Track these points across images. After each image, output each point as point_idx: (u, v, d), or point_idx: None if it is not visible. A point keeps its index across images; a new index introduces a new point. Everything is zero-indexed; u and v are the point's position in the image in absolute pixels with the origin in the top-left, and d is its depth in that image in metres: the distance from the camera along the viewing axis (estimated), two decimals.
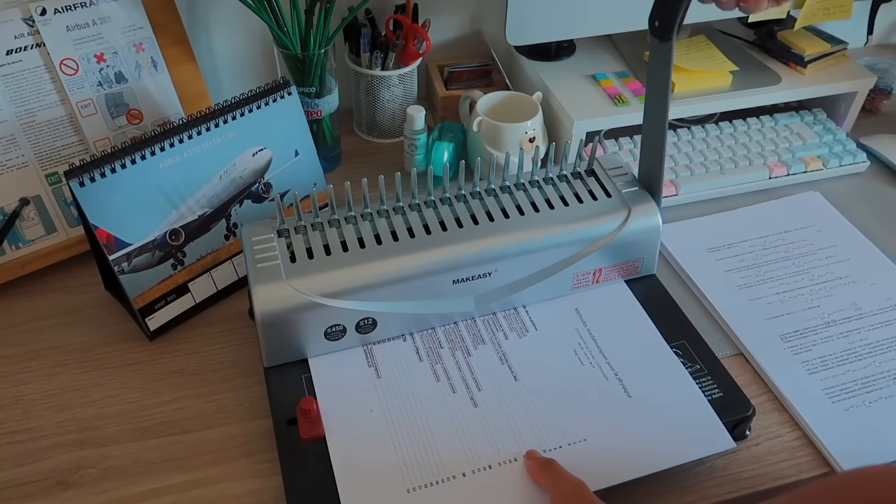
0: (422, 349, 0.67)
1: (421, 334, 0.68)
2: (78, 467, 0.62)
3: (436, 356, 0.66)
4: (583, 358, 0.66)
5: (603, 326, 0.69)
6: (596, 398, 0.63)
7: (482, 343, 0.67)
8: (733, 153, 0.91)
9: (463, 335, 0.68)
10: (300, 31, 0.83)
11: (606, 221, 0.70)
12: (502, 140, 0.85)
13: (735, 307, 0.75)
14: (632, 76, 0.94)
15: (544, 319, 0.70)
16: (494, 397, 0.63)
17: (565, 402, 0.63)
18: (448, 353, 0.66)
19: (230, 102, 0.75)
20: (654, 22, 0.61)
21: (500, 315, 0.70)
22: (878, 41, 1.20)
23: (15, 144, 0.75)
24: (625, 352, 0.67)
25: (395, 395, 0.63)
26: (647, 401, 0.63)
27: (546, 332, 0.69)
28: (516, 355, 0.66)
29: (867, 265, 0.79)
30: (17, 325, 0.74)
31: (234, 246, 0.77)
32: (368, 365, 0.65)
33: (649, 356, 0.67)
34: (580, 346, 0.67)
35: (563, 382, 0.64)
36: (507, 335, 0.68)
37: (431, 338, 0.68)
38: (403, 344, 0.67)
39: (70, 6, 0.76)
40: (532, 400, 0.63)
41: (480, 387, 0.64)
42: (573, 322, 0.70)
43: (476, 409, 0.62)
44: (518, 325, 0.69)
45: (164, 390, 0.68)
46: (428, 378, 0.64)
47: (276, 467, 0.60)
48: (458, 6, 1.02)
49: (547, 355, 0.66)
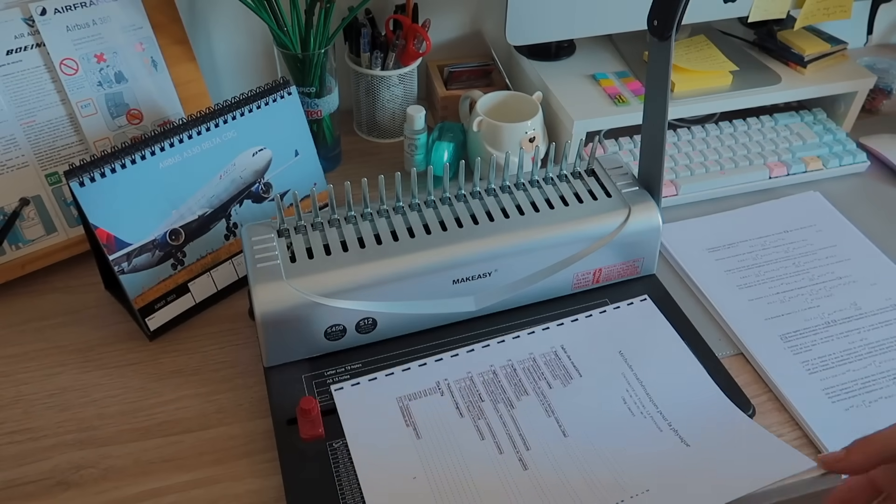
0: (461, 403, 0.62)
1: (458, 385, 0.63)
2: (78, 467, 0.62)
3: (477, 411, 0.61)
4: (633, 408, 0.62)
5: (648, 368, 0.65)
6: (652, 450, 0.59)
7: (525, 394, 0.63)
8: (733, 153, 0.91)
9: (504, 385, 0.63)
10: (300, 31, 0.83)
11: (606, 221, 0.70)
12: (502, 140, 0.85)
13: (735, 307, 0.75)
14: (632, 76, 0.94)
15: (587, 363, 0.65)
16: (544, 457, 0.58)
17: (619, 456, 0.58)
18: (490, 407, 0.61)
19: (230, 102, 0.75)
20: (653, 21, 0.61)
21: (541, 360, 0.65)
22: (878, 41, 1.20)
23: (15, 144, 0.75)
24: (674, 395, 0.63)
25: (438, 459, 0.58)
26: (706, 445, 0.59)
27: (591, 379, 0.64)
28: (562, 406, 0.62)
29: (867, 265, 0.79)
30: (17, 325, 0.74)
31: (234, 246, 0.77)
32: (406, 424, 0.60)
33: (697, 395, 0.63)
34: (628, 394, 0.63)
35: (614, 436, 0.60)
36: (551, 383, 0.63)
37: (470, 390, 0.63)
38: (441, 398, 0.62)
39: (70, 6, 0.76)
40: (584, 456, 0.58)
41: (529, 445, 0.59)
42: (618, 366, 0.65)
43: (526, 471, 0.57)
44: (561, 371, 0.65)
45: (164, 390, 0.68)
46: (472, 437, 0.59)
47: (276, 467, 0.60)
48: (458, 6, 1.02)
49: (594, 405, 0.62)
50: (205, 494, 0.60)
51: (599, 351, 0.66)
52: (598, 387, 0.64)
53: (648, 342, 0.68)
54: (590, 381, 0.64)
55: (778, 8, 0.90)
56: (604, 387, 0.64)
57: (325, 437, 0.60)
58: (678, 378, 0.65)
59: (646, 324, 0.70)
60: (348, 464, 0.59)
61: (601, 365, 0.65)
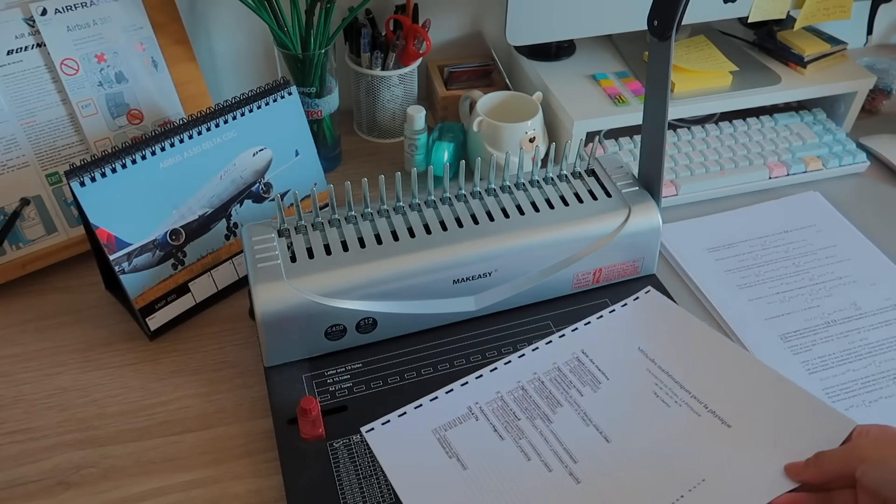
0: (499, 426, 0.59)
1: (491, 407, 0.61)
2: (78, 467, 0.62)
3: (516, 430, 0.59)
4: (665, 399, 0.61)
5: (670, 356, 0.64)
6: (696, 437, 0.58)
7: (559, 405, 0.61)
8: (733, 153, 0.91)
9: (536, 400, 0.61)
10: (300, 31, 0.83)
11: (606, 221, 0.70)
12: (502, 140, 0.85)
13: (735, 307, 0.75)
14: (632, 76, 0.94)
15: (610, 364, 0.64)
16: (594, 467, 0.56)
17: (667, 450, 0.57)
18: (528, 424, 0.60)
19: (230, 102, 0.75)
20: (653, 21, 0.61)
21: (565, 368, 0.64)
22: (878, 41, 1.20)
23: (15, 144, 0.75)
24: (704, 376, 0.62)
25: (490, 487, 0.55)
26: (749, 423, 0.58)
27: (618, 380, 0.63)
28: (598, 412, 0.60)
29: (867, 265, 0.79)
30: (17, 325, 0.74)
31: (234, 246, 0.77)
32: (448, 456, 0.57)
33: (728, 369, 0.62)
34: (658, 386, 0.62)
35: (655, 430, 0.59)
36: (581, 391, 0.62)
37: (504, 410, 0.61)
38: (476, 423, 0.60)
39: (71, 6, 0.76)
40: (632, 458, 0.57)
41: (575, 458, 0.57)
42: (641, 362, 0.64)
43: (580, 484, 0.55)
44: (587, 376, 0.63)
45: (165, 390, 0.68)
46: (518, 459, 0.57)
47: (276, 467, 0.60)
48: (458, 6, 1.02)
49: (628, 405, 0.61)
50: (205, 494, 0.60)
51: (619, 350, 0.66)
52: (627, 386, 0.63)
53: (664, 331, 0.67)
54: (617, 381, 0.63)
55: (778, 8, 0.90)
56: (632, 385, 0.63)
57: (325, 437, 0.61)
58: (703, 358, 0.64)
59: (657, 313, 0.69)
60: (348, 464, 0.59)
61: (624, 364, 0.64)
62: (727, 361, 0.63)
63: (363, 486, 0.58)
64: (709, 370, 0.63)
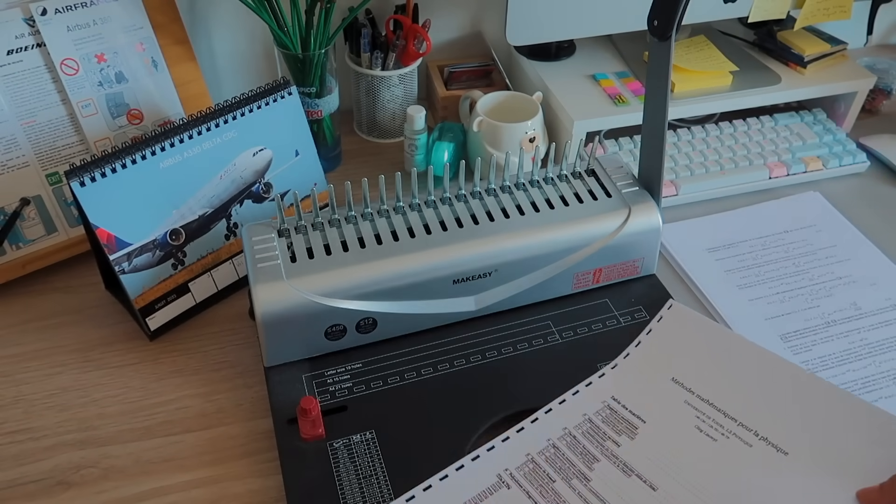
0: (533, 491, 0.55)
1: (522, 472, 0.56)
2: (78, 467, 0.62)
3: (553, 495, 0.55)
4: (710, 433, 0.56)
5: (707, 379, 0.59)
6: (752, 470, 0.53)
7: (595, 461, 0.57)
8: (733, 153, 0.91)
9: (570, 458, 0.57)
10: (300, 31, 0.83)
11: (606, 221, 0.70)
12: (502, 140, 0.85)
13: (735, 307, 0.75)
14: (632, 76, 0.94)
15: (645, 405, 0.60)
16: None
17: (721, 489, 0.53)
18: (564, 487, 0.55)
19: (230, 102, 0.75)
20: (653, 21, 0.61)
21: (597, 419, 0.60)
22: (878, 41, 1.20)
23: (15, 144, 0.75)
24: (748, 398, 0.57)
25: None
26: (808, 446, 0.54)
27: (656, 421, 0.58)
28: (639, 461, 0.56)
29: (867, 265, 0.79)
30: (17, 325, 0.74)
31: (234, 246, 0.77)
32: None
33: (773, 385, 0.57)
34: (700, 419, 0.57)
35: (704, 469, 0.54)
36: (618, 440, 0.58)
37: (536, 473, 0.56)
38: (510, 492, 0.55)
39: (71, 6, 0.76)
40: (682, 501, 0.53)
41: None
42: (677, 395, 0.60)
43: None
44: (623, 424, 0.59)
45: (165, 390, 0.68)
46: None
47: (276, 467, 0.60)
48: (458, 6, 1.02)
49: (671, 446, 0.56)
50: (205, 494, 0.60)
51: (652, 387, 0.61)
52: (666, 426, 0.58)
53: (696, 352, 0.62)
54: (655, 423, 0.58)
55: (778, 8, 0.90)
56: (672, 423, 0.58)
57: (325, 436, 0.61)
58: (744, 377, 0.59)
59: (684, 332, 0.64)
60: (348, 463, 0.59)
61: (660, 401, 0.60)
62: (769, 376, 0.58)
63: (363, 486, 0.58)
64: (752, 390, 0.58)
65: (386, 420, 0.62)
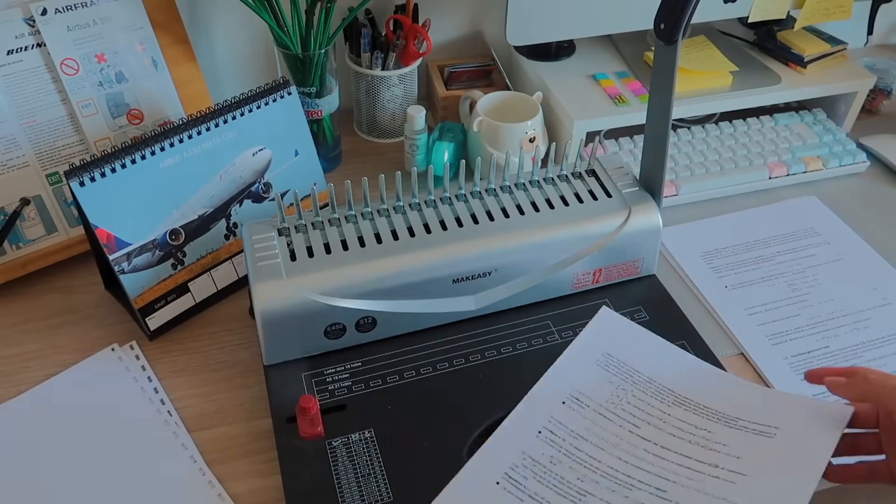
0: None
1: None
2: None
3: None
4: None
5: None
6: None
7: None
8: (733, 153, 0.91)
9: None
10: (300, 31, 0.83)
11: (606, 221, 0.70)
12: (502, 140, 0.85)
13: (735, 308, 0.75)
14: (632, 76, 0.94)
15: None
16: None
17: None
18: None
19: (230, 102, 0.75)
20: (660, 24, 0.61)
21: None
22: (878, 41, 1.20)
23: (15, 144, 0.75)
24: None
25: None
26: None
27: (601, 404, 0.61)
28: None
29: (866, 267, 0.79)
30: (17, 325, 0.74)
31: (234, 246, 0.77)
32: None
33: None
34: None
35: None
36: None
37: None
38: None
39: (71, 6, 0.76)
40: None
41: None
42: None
43: None
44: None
45: (165, 390, 0.68)
46: None
47: (276, 467, 0.60)
48: (458, 6, 1.02)
49: None
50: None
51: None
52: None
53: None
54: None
55: (778, 8, 0.90)
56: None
57: (324, 435, 0.61)
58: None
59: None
60: (347, 462, 0.59)
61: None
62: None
63: (361, 485, 0.58)
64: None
65: (385, 419, 0.62)
